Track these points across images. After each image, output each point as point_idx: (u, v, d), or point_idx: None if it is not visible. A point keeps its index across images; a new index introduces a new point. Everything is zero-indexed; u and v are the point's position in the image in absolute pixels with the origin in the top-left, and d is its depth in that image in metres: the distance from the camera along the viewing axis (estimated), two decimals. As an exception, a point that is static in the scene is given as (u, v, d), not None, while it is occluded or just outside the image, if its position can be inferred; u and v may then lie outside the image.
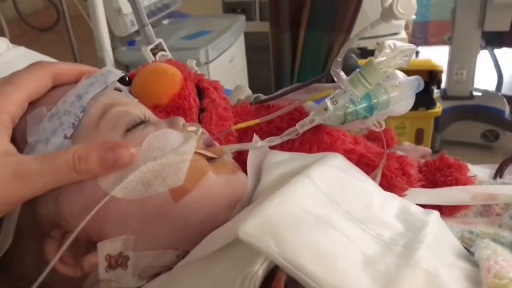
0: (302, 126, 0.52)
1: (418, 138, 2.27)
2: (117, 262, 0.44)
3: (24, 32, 2.31)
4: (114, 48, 1.54)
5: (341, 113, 0.51)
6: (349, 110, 0.51)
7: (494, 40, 2.65)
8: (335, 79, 0.51)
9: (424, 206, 0.71)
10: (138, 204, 0.44)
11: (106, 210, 0.43)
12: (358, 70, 0.48)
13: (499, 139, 2.48)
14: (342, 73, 0.51)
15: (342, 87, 0.49)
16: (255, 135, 0.58)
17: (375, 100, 0.52)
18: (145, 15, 0.91)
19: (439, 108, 2.22)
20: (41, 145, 0.44)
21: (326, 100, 0.50)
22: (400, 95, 0.53)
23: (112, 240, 0.44)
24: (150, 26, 0.90)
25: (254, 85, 2.25)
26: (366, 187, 0.50)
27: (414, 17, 3.24)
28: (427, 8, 3.54)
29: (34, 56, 0.98)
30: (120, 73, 0.51)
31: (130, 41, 1.61)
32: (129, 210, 0.44)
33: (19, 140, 0.45)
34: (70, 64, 0.50)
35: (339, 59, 0.50)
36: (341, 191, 0.46)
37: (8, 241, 0.43)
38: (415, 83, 0.55)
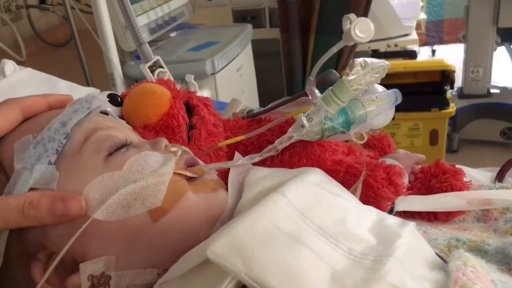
0: (280, 143, 0.53)
1: (433, 139, 2.25)
2: (100, 281, 0.46)
3: (40, 49, 2.38)
4: (123, 63, 1.57)
5: (318, 129, 0.52)
6: (326, 126, 0.52)
7: (511, 36, 2.61)
8: (310, 97, 0.52)
9: (419, 212, 0.71)
10: (118, 225, 0.46)
11: (88, 232, 0.45)
12: (330, 88, 0.49)
13: (518, 136, 2.44)
14: (316, 91, 0.52)
15: (316, 105, 0.51)
16: (236, 153, 0.59)
17: (352, 115, 0.53)
18: (143, 32, 0.94)
19: (453, 108, 2.20)
20: (27, 172, 0.46)
21: (302, 117, 0.51)
22: (377, 109, 0.54)
23: (94, 260, 0.46)
24: (147, 44, 0.93)
25: (265, 92, 2.27)
26: (342, 201, 0.51)
27: (424, 16, 3.21)
28: (441, 6, 3.50)
29: (39, 77, 1.02)
30: (104, 98, 0.53)
31: (138, 55, 1.64)
32: (110, 232, 0.46)
33: (7, 168, 0.48)
34: (38, 96, 0.52)
35: (312, 78, 0.51)
36: (315, 206, 0.47)
37: None
38: (393, 96, 0.55)
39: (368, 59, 0.48)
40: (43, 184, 0.46)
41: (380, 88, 0.57)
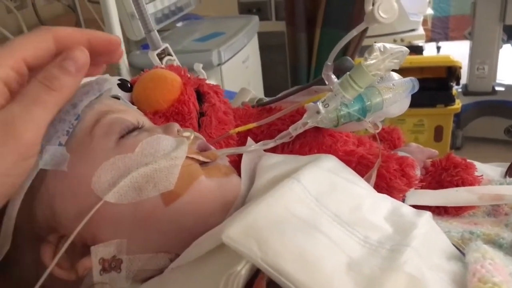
0: (295, 129, 0.52)
1: (437, 135, 2.24)
2: (111, 265, 0.45)
3: (45, 38, 2.36)
4: (128, 52, 1.56)
5: (333, 116, 0.51)
6: (342, 112, 0.51)
7: (517, 34, 2.59)
8: (327, 83, 0.51)
9: (429, 206, 0.70)
10: (130, 208, 0.45)
11: (99, 215, 0.44)
12: (348, 73, 0.48)
13: (522, 135, 2.43)
14: (333, 77, 0.51)
15: (333, 90, 0.50)
16: (249, 139, 0.58)
17: (368, 102, 0.52)
18: (151, 21, 0.92)
19: (458, 104, 2.19)
20: None
21: (318, 103, 0.50)
22: (394, 96, 0.53)
23: (106, 244, 0.45)
24: (156, 32, 0.92)
25: (270, 85, 2.26)
26: (357, 189, 0.50)
27: (432, 12, 3.18)
28: (447, 2, 3.48)
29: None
30: (115, 81, 0.52)
31: (144, 45, 1.63)
32: (122, 215, 0.45)
33: None
34: (75, 29, 0.44)
35: (329, 63, 0.50)
36: (330, 193, 0.46)
37: (7, 245, 0.44)
38: (410, 84, 0.54)
39: (388, 45, 0.47)
40: (53, 165, 0.45)
41: (396, 76, 0.56)
